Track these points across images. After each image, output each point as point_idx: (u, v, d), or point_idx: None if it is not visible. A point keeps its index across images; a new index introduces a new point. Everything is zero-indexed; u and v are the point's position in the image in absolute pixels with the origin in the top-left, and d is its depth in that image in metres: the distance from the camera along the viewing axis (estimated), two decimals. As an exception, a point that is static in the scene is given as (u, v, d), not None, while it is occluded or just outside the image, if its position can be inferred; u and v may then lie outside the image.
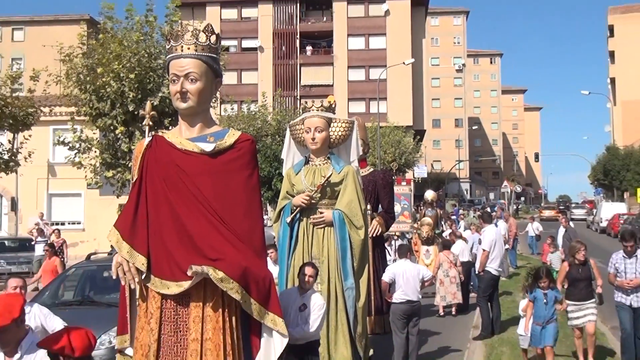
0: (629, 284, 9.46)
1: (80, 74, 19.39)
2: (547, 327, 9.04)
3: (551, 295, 9.15)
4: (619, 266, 9.69)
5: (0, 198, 35.24)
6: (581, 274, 9.91)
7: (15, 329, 4.48)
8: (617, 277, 9.67)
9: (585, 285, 9.89)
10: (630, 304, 9.48)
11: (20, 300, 4.71)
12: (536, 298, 9.20)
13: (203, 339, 5.26)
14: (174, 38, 5.60)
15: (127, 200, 5.83)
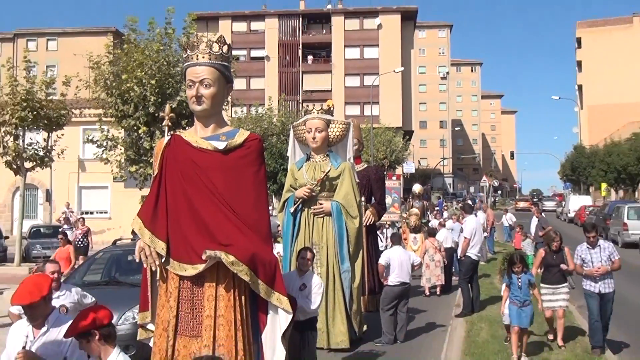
0: (597, 271, 9.23)
1: (107, 80, 19.38)
2: (524, 309, 8.78)
3: (525, 279, 8.89)
4: (584, 257, 9.47)
5: (36, 190, 35.18)
6: (555, 260, 9.75)
7: (43, 305, 4.49)
8: (584, 267, 9.44)
9: (558, 271, 9.73)
10: (599, 291, 9.28)
11: (49, 280, 4.72)
12: (511, 282, 8.97)
13: (216, 316, 5.26)
14: (190, 48, 5.59)
15: (148, 192, 5.83)
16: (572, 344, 9.85)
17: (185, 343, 5.29)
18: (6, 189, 35.52)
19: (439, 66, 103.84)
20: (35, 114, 21.05)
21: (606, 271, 9.28)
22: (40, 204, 35.74)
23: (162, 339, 5.35)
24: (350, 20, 66.03)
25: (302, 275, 7.14)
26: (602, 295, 9.30)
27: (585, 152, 62.34)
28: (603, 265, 9.26)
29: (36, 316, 4.47)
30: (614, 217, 30.13)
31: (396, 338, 10.17)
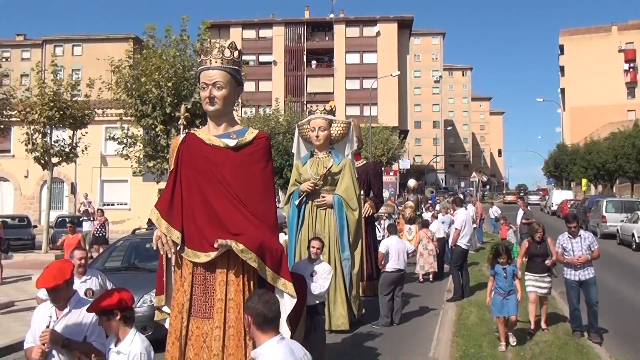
0: (578, 259, 9.02)
1: (127, 82, 19.38)
2: (509, 299, 8.50)
3: (510, 269, 8.66)
4: (566, 246, 9.25)
5: (62, 183, 35.23)
6: (539, 251, 9.53)
7: (66, 288, 4.49)
8: (564, 255, 9.24)
9: (542, 261, 9.49)
10: (579, 279, 9.08)
11: (71, 265, 4.71)
12: (497, 273, 8.69)
13: (227, 299, 5.27)
14: (204, 53, 5.59)
15: (165, 185, 5.84)
16: (554, 327, 9.79)
17: (198, 324, 5.30)
18: (35, 183, 35.58)
19: (433, 70, 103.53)
20: (61, 114, 21.06)
21: (586, 260, 9.09)
22: (66, 196, 35.80)
23: (177, 321, 5.36)
24: (351, 28, 65.91)
25: (313, 263, 7.10)
26: (582, 282, 9.13)
27: (567, 150, 62.20)
28: (584, 254, 9.07)
29: (59, 298, 4.46)
30: (593, 210, 30.08)
31: (392, 321, 10.18)
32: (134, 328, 4.05)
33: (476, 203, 26.60)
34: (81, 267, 6.37)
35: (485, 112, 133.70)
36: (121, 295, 4.06)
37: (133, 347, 3.92)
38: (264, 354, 3.33)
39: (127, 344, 3.94)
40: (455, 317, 10.66)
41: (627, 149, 44.06)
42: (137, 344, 3.93)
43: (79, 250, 6.67)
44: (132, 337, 3.97)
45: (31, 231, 25.57)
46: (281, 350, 3.34)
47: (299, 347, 3.57)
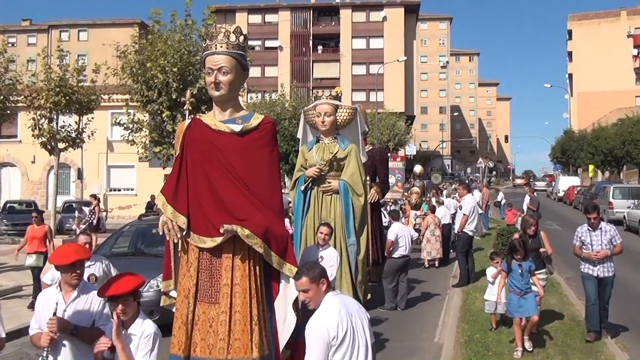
0: (596, 255, 8.24)
1: (133, 68, 19.35)
2: (527, 297, 7.70)
3: (526, 265, 7.87)
4: (584, 239, 8.44)
5: (69, 169, 35.34)
6: (531, 245, 8.67)
7: (83, 267, 4.50)
8: (583, 249, 8.44)
9: (535, 256, 8.64)
10: (597, 275, 8.31)
11: (87, 248, 4.74)
12: (512, 270, 7.83)
13: (232, 284, 5.28)
14: (210, 38, 5.56)
15: (171, 171, 5.84)
16: (567, 326, 9.14)
17: (204, 309, 5.32)
18: (41, 168, 35.72)
19: (439, 56, 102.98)
20: (67, 99, 21.06)
21: (606, 255, 8.28)
22: (73, 182, 35.94)
23: (183, 305, 5.38)
24: (357, 13, 65.52)
25: (321, 248, 7.14)
26: (600, 279, 8.38)
27: (575, 136, 61.92)
28: (603, 249, 8.27)
29: (79, 276, 4.42)
30: (600, 196, 29.99)
31: (397, 306, 10.21)
32: (142, 312, 4.07)
33: (483, 189, 26.58)
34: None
35: (492, 97, 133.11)
36: (136, 281, 4.07)
37: (146, 327, 3.95)
38: (321, 306, 3.83)
39: (138, 326, 3.96)
40: (461, 303, 10.69)
41: (635, 135, 43.85)
42: (149, 325, 3.97)
43: (84, 235, 6.66)
44: (143, 319, 4.00)
45: (38, 216, 25.67)
46: (335, 302, 3.86)
47: (353, 302, 4.11)
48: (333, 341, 3.64)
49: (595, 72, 74.18)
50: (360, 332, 3.83)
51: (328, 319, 3.71)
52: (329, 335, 3.63)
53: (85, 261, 4.46)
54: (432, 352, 7.99)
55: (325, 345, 3.61)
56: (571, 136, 62.85)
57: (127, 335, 3.98)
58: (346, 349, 3.68)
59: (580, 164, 58.90)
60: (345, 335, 3.68)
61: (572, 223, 26.28)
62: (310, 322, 3.77)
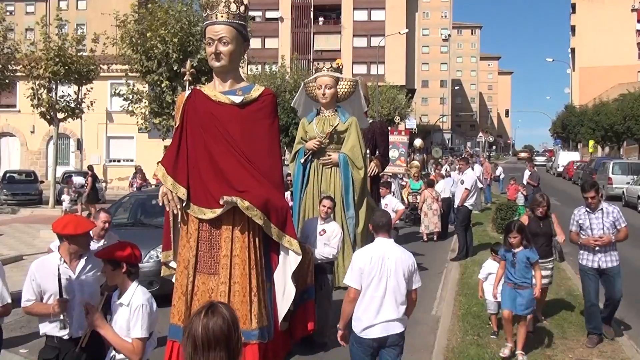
0: (596, 242, 6.86)
1: (133, 38, 19.20)
2: (521, 292, 6.41)
3: (522, 255, 6.43)
4: (582, 222, 7.07)
5: (68, 139, 35.23)
6: (542, 229, 7.47)
7: (89, 238, 4.53)
8: (581, 235, 7.07)
9: (544, 242, 7.44)
10: (599, 266, 6.94)
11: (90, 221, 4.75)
12: (506, 257, 6.61)
13: (232, 255, 5.31)
14: (210, 8, 5.51)
15: (170, 142, 5.82)
16: (564, 301, 8.37)
17: (204, 280, 5.36)
18: (41, 138, 35.62)
19: (441, 29, 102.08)
20: (66, 69, 20.95)
21: (609, 242, 6.85)
22: (72, 152, 35.86)
23: (183, 276, 5.41)
24: (359, -16, 64.83)
25: (323, 221, 7.06)
26: (602, 272, 7.01)
27: (576, 111, 61.65)
28: (606, 235, 6.85)
29: (85, 246, 4.46)
30: (599, 171, 29.98)
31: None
32: (136, 282, 4.07)
33: (485, 163, 26.59)
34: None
35: (494, 71, 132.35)
36: (132, 250, 4.08)
37: (134, 299, 3.95)
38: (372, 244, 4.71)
39: (129, 296, 3.97)
40: (459, 276, 10.74)
41: (636, 111, 43.67)
42: (138, 296, 3.96)
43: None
44: (134, 289, 3.99)
45: (38, 186, 25.73)
46: (376, 245, 4.67)
47: (400, 251, 4.69)
48: (361, 268, 4.55)
49: (598, 46, 73.68)
50: (391, 274, 4.55)
51: (362, 253, 4.66)
52: (358, 263, 4.58)
53: (89, 233, 4.47)
54: (429, 325, 8.05)
55: (358, 269, 4.56)
56: (572, 111, 62.58)
57: (116, 306, 4.00)
58: (371, 279, 4.53)
59: (580, 139, 58.78)
60: (372, 270, 4.52)
61: (571, 198, 26.34)
62: (356, 259, 4.66)
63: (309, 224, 7.16)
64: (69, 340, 4.36)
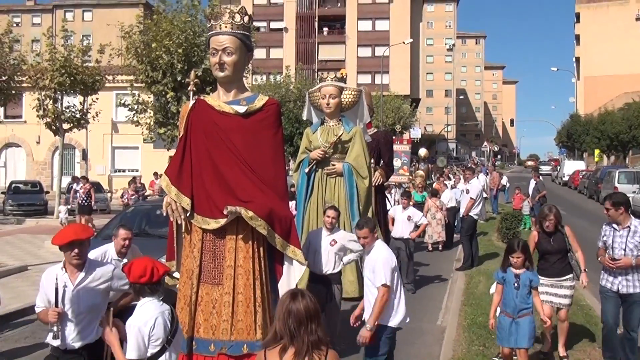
0: (612, 264, 6.17)
1: (138, 48, 19.28)
2: (520, 322, 5.75)
3: (525, 278, 5.79)
4: (607, 239, 6.35)
5: (74, 149, 35.37)
6: (553, 245, 6.67)
7: (89, 245, 4.52)
8: (607, 254, 6.38)
9: (559, 259, 6.65)
10: (618, 289, 6.23)
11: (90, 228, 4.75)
12: (505, 280, 5.89)
13: (236, 266, 5.29)
14: (214, 18, 5.52)
15: (175, 152, 5.83)
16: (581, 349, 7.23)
17: (207, 290, 5.34)
18: (46, 149, 35.78)
19: (446, 38, 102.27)
20: (72, 79, 21.04)
21: (629, 264, 6.12)
22: (77, 162, 35.99)
23: (186, 286, 5.40)
24: (363, -6, 65.03)
25: (329, 232, 7.03)
26: (623, 297, 6.26)
27: (581, 120, 61.55)
28: (626, 257, 6.12)
29: (83, 255, 4.45)
30: (605, 181, 29.90)
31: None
32: (148, 298, 3.95)
33: (492, 172, 26.53)
34: (124, 248, 5.88)
35: (498, 81, 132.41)
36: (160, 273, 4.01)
37: (132, 318, 3.88)
38: (374, 246, 5.43)
39: (134, 315, 3.91)
40: (464, 286, 10.70)
41: (642, 120, 43.59)
42: (134, 318, 3.86)
43: (125, 229, 6.03)
44: (138, 307, 3.93)
45: (43, 197, 25.81)
46: (383, 243, 5.63)
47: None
48: (393, 268, 5.27)
49: (602, 55, 73.67)
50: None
51: (389, 252, 5.45)
52: (392, 262, 5.31)
53: (85, 241, 4.44)
54: (435, 335, 8.01)
55: (393, 268, 5.28)
56: (577, 120, 62.47)
57: (118, 323, 3.95)
58: (398, 273, 5.44)
59: (585, 148, 58.65)
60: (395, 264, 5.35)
61: (577, 207, 26.25)
62: (382, 253, 5.34)
63: (315, 236, 7.11)
64: (65, 352, 4.36)
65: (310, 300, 3.15)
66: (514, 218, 15.44)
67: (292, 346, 3.08)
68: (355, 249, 7.05)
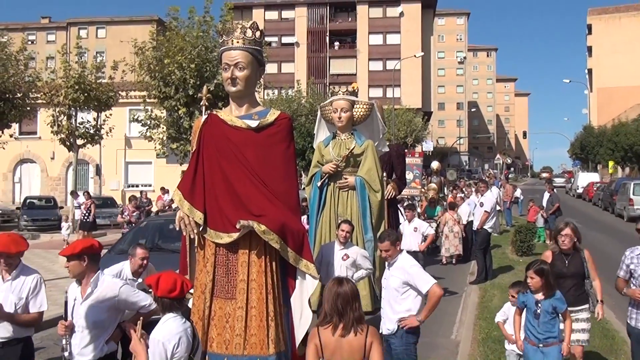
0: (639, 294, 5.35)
1: (151, 64, 19.45)
2: (546, 352, 5.16)
3: (547, 305, 5.17)
4: (635, 268, 5.48)
5: (87, 165, 35.66)
6: (569, 268, 5.86)
7: (77, 263, 4.54)
8: (631, 283, 5.53)
9: (574, 285, 5.84)
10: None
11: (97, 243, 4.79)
12: (526, 306, 5.34)
13: (249, 280, 5.28)
14: (226, 33, 5.56)
15: (187, 167, 5.85)
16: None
17: (220, 304, 5.33)
18: (60, 164, 36.09)
19: (457, 51, 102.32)
20: (86, 96, 21.28)
21: None
22: (91, 178, 36.27)
23: (200, 301, 5.39)
24: (374, 8, 65.27)
25: (343, 246, 7.05)
26: None
27: (594, 132, 61.23)
28: None
29: (84, 269, 4.50)
30: (620, 192, 29.64)
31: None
32: (171, 314, 3.94)
33: (505, 185, 26.41)
34: (141, 267, 6.00)
35: (510, 93, 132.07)
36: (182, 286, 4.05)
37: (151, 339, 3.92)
38: (398, 259, 5.58)
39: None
40: (478, 300, 10.62)
41: (656, 131, 43.27)
42: (156, 330, 3.95)
43: (142, 249, 6.14)
44: (161, 323, 3.94)
45: (57, 212, 26.00)
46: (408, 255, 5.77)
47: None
48: None
49: (615, 67, 73.35)
50: None
51: (415, 260, 5.62)
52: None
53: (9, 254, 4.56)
54: (449, 349, 7.94)
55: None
56: (590, 132, 62.13)
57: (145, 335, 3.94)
58: None
59: (599, 160, 58.26)
60: None
61: (592, 220, 26.01)
62: (411, 261, 5.56)
63: (327, 250, 7.12)
64: None
65: (352, 284, 3.95)
66: (528, 231, 15.34)
67: (341, 322, 3.82)
68: (366, 266, 7.06)
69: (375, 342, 3.88)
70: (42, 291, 4.75)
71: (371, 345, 3.83)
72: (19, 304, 4.61)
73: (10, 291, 4.59)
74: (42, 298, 4.74)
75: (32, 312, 4.71)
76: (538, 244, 16.24)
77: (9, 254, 4.54)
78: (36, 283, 4.73)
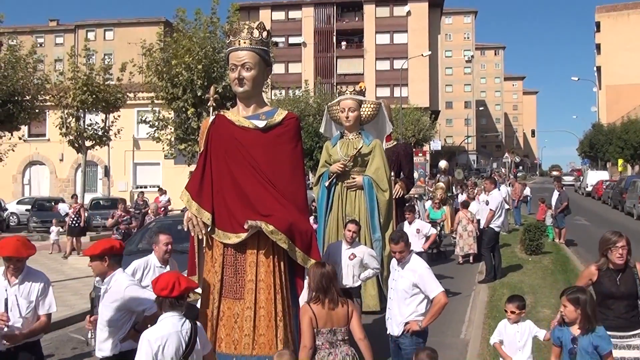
0: None
1: (158, 66, 19.47)
2: None
3: (587, 343, 4.31)
4: None
5: (96, 166, 35.79)
6: (620, 288, 4.79)
7: (98, 263, 4.63)
8: None
9: (627, 307, 4.80)
10: None
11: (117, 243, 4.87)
12: (562, 342, 4.55)
13: (257, 280, 5.29)
14: (233, 34, 5.57)
15: (195, 167, 5.87)
16: None
17: (229, 305, 5.34)
18: (69, 166, 36.24)
19: (464, 50, 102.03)
20: (94, 97, 21.33)
21: None
22: (100, 179, 36.41)
23: (208, 301, 5.40)
24: (381, 8, 65.19)
25: (349, 245, 7.03)
26: None
27: (603, 130, 60.88)
28: None
29: (101, 269, 4.65)
30: (630, 190, 29.46)
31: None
32: (170, 313, 3.97)
33: (515, 184, 26.28)
34: (167, 253, 6.05)
35: (519, 91, 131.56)
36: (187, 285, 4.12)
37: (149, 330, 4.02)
38: (410, 260, 5.51)
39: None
40: (487, 299, 10.57)
41: (666, 128, 42.99)
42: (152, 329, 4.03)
43: (165, 234, 6.16)
44: (159, 321, 3.99)
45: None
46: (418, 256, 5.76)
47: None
48: None
49: (624, 64, 72.90)
50: None
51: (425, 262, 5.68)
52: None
53: (19, 259, 4.63)
54: (458, 349, 7.91)
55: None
56: (600, 130, 61.78)
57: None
58: None
59: (609, 158, 57.94)
60: None
61: (602, 218, 25.87)
62: (423, 264, 5.56)
63: (335, 249, 7.11)
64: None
65: (332, 266, 4.76)
66: (537, 229, 15.26)
67: (326, 297, 4.55)
68: (373, 266, 7.05)
69: (355, 311, 4.72)
70: (50, 293, 4.80)
71: (352, 313, 4.65)
72: (29, 307, 4.65)
73: (19, 295, 4.63)
74: (51, 300, 4.80)
75: (41, 315, 4.75)
76: (547, 242, 16.16)
77: (19, 258, 4.58)
78: (44, 285, 4.77)
